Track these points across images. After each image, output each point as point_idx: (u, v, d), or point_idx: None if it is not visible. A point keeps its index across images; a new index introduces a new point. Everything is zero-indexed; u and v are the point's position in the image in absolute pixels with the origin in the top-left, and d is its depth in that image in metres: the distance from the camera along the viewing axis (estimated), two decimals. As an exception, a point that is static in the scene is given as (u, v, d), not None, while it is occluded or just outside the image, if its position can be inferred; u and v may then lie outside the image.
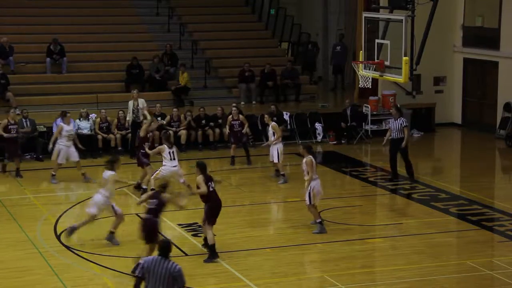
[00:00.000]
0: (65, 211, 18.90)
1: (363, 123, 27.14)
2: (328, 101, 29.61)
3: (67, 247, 16.32)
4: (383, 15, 20.73)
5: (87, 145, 24.26)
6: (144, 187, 19.85)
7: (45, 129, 24.38)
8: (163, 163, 19.43)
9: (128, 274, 14.70)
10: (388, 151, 21.85)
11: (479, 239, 16.88)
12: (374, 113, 27.50)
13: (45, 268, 15.26)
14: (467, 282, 14.68)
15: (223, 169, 23.06)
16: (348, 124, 26.61)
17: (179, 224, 17.84)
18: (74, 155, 21.52)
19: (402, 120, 21.21)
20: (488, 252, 16.47)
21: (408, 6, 19.33)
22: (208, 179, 15.59)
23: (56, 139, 21.58)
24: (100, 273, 15.06)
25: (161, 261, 10.76)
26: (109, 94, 27.51)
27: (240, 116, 23.83)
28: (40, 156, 23.78)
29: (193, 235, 17.05)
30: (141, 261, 10.98)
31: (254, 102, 28.69)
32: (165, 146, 19.48)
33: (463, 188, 21.25)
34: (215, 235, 15.68)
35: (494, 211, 19.21)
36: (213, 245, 15.52)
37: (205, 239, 15.88)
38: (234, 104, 24.76)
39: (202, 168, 15.61)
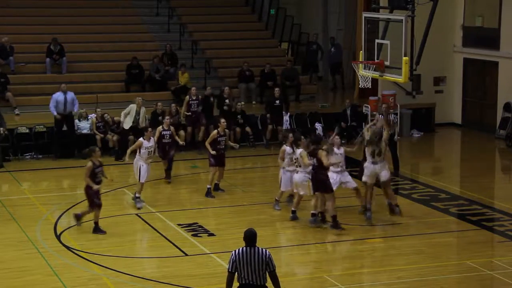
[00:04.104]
0: (65, 211, 18.88)
1: (363, 123, 27.09)
2: (328, 101, 29.60)
3: (67, 247, 16.32)
4: (383, 15, 20.70)
5: (86, 145, 24.29)
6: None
7: (45, 129, 24.34)
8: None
9: (127, 273, 14.72)
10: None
11: (479, 239, 16.87)
12: (374, 113, 27.45)
13: (45, 268, 15.25)
14: (467, 282, 14.68)
15: (225, 169, 23.00)
16: (348, 124, 26.60)
17: (179, 224, 17.83)
18: None
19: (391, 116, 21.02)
20: (488, 252, 16.46)
21: (408, 6, 19.29)
22: None
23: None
24: (100, 273, 15.06)
25: (251, 251, 10.85)
26: (109, 94, 27.48)
27: (171, 127, 21.58)
28: (40, 156, 23.75)
29: (193, 235, 17.04)
30: (232, 256, 10.90)
31: (254, 102, 28.68)
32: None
33: (463, 188, 21.24)
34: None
35: (494, 211, 19.20)
36: None
37: None
38: (167, 117, 22.13)
39: None
